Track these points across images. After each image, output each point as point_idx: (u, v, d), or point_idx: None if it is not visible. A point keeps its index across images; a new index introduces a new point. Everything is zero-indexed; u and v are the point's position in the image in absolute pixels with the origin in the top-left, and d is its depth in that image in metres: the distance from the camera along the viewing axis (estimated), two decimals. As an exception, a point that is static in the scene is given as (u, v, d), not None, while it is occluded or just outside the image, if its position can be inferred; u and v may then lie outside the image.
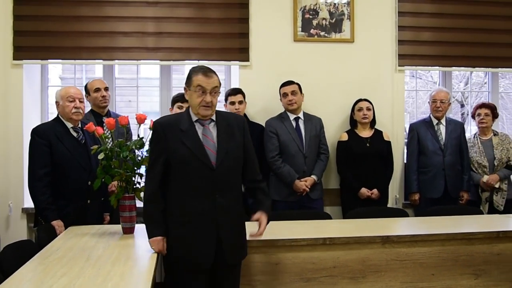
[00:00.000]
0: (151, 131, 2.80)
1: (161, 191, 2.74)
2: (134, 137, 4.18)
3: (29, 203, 4.47)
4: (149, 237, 2.73)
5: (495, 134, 4.80)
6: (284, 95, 4.49)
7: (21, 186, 4.48)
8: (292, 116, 4.50)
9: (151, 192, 2.74)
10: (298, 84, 4.51)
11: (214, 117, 2.78)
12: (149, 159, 2.79)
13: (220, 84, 2.77)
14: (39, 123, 4.64)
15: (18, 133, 4.50)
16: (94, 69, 9.27)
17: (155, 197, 2.73)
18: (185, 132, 2.70)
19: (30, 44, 4.56)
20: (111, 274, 2.31)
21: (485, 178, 4.62)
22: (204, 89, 2.67)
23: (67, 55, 4.66)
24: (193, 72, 2.74)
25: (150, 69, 5.31)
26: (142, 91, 7.98)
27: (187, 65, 4.80)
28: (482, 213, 4.43)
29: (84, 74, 8.74)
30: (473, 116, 4.88)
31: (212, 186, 2.68)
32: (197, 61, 4.83)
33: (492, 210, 4.60)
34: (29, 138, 3.87)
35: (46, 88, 4.92)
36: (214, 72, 2.75)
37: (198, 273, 2.70)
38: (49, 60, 4.71)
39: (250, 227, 2.81)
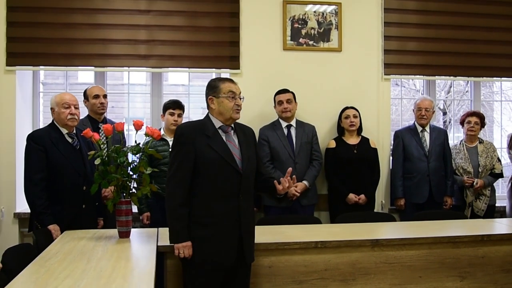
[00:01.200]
0: (176, 135, 2.87)
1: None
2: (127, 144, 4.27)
3: (21, 208, 4.52)
4: (178, 241, 2.80)
5: (481, 142, 4.95)
6: (280, 103, 4.58)
7: (13, 191, 4.50)
8: (284, 124, 4.60)
9: (181, 195, 2.80)
10: (293, 92, 4.61)
11: (233, 125, 2.96)
12: (172, 162, 2.85)
13: None
14: (30, 128, 4.72)
15: (10, 138, 4.52)
16: (77, 75, 9.26)
17: (186, 201, 2.81)
18: (212, 137, 2.85)
19: (23, 51, 4.60)
20: (113, 275, 2.38)
21: (476, 181, 4.74)
22: (235, 94, 2.89)
23: (60, 61, 4.70)
24: (218, 81, 2.94)
25: (133, 75, 5.38)
26: (125, 97, 8.02)
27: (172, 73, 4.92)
28: (466, 218, 4.56)
29: (67, 80, 8.75)
30: (461, 123, 5.01)
31: (238, 189, 2.85)
32: (188, 69, 4.93)
33: (475, 215, 4.75)
34: (21, 143, 3.90)
35: (37, 94, 4.96)
36: None
37: (218, 272, 2.85)
38: (42, 67, 4.76)
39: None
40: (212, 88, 2.93)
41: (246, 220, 2.91)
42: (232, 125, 2.97)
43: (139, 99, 8.05)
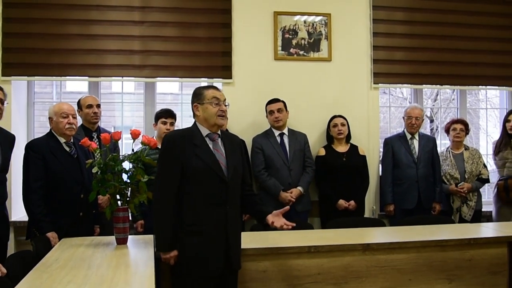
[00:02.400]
0: (164, 144, 2.93)
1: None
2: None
3: (16, 216, 4.56)
4: (166, 249, 2.86)
5: (466, 148, 5.08)
6: (271, 112, 4.68)
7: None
8: (277, 132, 4.71)
9: (169, 203, 2.85)
10: (283, 102, 4.71)
11: (219, 133, 3.01)
12: (160, 170, 2.90)
13: None
14: (25, 138, 4.76)
15: (6, 147, 4.56)
16: (65, 84, 9.28)
17: (174, 209, 2.85)
18: (199, 146, 2.89)
19: (18, 61, 4.67)
20: (115, 280, 2.44)
21: (462, 183, 4.88)
22: (219, 100, 2.94)
23: (55, 71, 4.78)
24: (203, 89, 3.00)
25: (121, 84, 5.50)
26: (113, 106, 8.07)
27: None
28: (454, 223, 4.66)
29: (54, 89, 8.76)
30: (447, 131, 5.14)
31: (224, 197, 2.90)
32: (181, 79, 5.02)
33: (462, 220, 4.86)
34: (16, 153, 3.92)
35: (32, 103, 5.01)
36: None
37: (207, 280, 2.88)
38: (37, 77, 4.82)
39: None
40: (197, 95, 2.99)
41: (233, 228, 2.95)
42: (219, 133, 3.02)
43: (127, 107, 8.11)
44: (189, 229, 2.87)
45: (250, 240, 3.34)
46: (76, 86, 7.95)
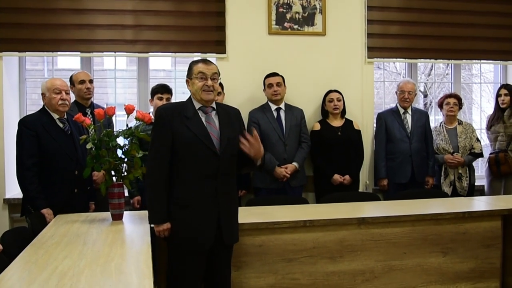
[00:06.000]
0: (155, 117, 2.94)
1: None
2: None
3: (10, 193, 4.55)
4: (158, 222, 2.87)
5: (460, 123, 5.08)
6: (270, 85, 4.66)
7: (2, 177, 4.52)
8: (273, 107, 4.68)
9: (160, 176, 2.86)
10: (282, 76, 4.69)
11: (214, 106, 2.98)
12: (151, 143, 2.91)
13: (219, 72, 3.00)
14: (17, 115, 4.72)
15: (-2, 125, 4.53)
16: (57, 61, 9.19)
17: (165, 182, 2.86)
18: (190, 118, 2.88)
19: (8, 36, 4.59)
20: (111, 255, 2.45)
21: (455, 155, 4.90)
22: (205, 75, 2.90)
23: (46, 47, 4.71)
24: (193, 63, 2.98)
25: (113, 61, 5.45)
26: (105, 83, 8.01)
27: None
28: (447, 196, 4.68)
29: (46, 66, 8.67)
30: (440, 105, 5.14)
31: (215, 170, 2.87)
32: (174, 54, 4.97)
33: (456, 194, 4.88)
34: (8, 130, 3.88)
35: (24, 80, 4.96)
36: (212, 62, 3.01)
37: (198, 254, 2.88)
38: (28, 52, 4.76)
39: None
40: (188, 70, 2.99)
41: (225, 203, 2.93)
42: (214, 106, 3.00)
43: (120, 84, 8.04)
44: (179, 202, 2.88)
45: (245, 214, 3.35)
46: (68, 63, 7.86)
